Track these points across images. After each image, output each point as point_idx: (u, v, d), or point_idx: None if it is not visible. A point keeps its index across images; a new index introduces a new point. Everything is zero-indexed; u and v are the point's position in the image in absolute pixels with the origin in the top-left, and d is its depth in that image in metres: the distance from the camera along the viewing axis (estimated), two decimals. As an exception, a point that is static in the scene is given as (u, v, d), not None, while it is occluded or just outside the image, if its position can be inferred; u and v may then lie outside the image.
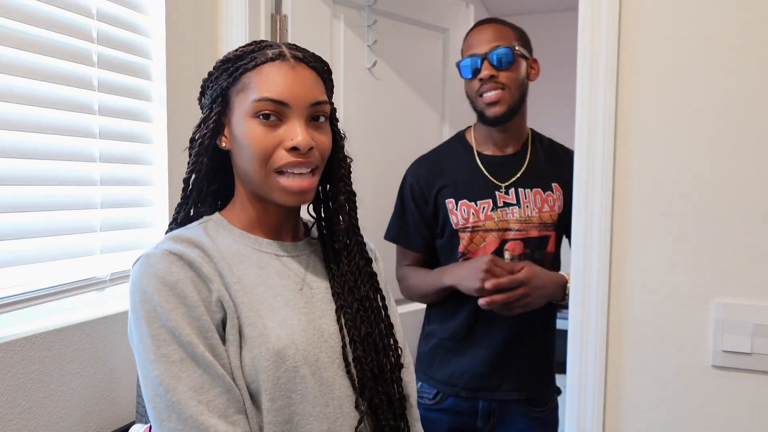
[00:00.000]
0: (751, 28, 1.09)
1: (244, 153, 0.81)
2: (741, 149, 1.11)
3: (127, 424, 1.28)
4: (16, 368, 1.06)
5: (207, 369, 0.73)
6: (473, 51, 1.44)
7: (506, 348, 1.46)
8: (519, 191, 1.47)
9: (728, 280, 1.13)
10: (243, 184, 0.86)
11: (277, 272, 0.84)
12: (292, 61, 0.82)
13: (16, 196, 1.09)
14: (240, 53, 0.83)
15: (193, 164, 0.85)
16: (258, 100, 0.79)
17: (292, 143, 0.79)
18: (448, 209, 1.49)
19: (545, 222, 1.47)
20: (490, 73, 1.40)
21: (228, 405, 0.73)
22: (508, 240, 1.45)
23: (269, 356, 0.76)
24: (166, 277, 0.74)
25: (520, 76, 1.45)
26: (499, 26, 1.46)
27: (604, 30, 1.17)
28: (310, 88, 0.82)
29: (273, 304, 0.80)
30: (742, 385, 1.12)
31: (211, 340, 0.75)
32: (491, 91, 1.41)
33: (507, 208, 1.46)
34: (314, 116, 0.83)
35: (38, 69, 1.12)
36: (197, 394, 0.72)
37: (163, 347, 0.73)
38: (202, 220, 0.86)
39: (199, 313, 0.75)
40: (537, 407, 1.50)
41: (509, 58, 1.41)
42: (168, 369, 0.72)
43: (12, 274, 1.09)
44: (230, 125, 0.84)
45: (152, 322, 0.73)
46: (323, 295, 0.87)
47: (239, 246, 0.84)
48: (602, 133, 1.18)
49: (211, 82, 0.85)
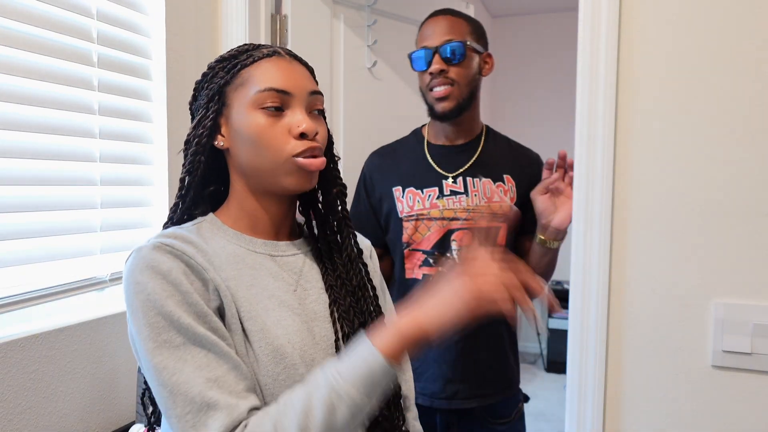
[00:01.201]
0: (752, 28, 1.09)
1: (249, 147, 0.82)
2: (741, 149, 1.11)
3: (127, 424, 1.29)
4: (16, 368, 1.06)
5: (212, 348, 0.72)
6: (425, 43, 1.40)
7: (461, 352, 1.39)
8: (467, 180, 1.43)
9: (728, 280, 1.13)
10: (243, 181, 0.86)
11: (270, 273, 0.84)
12: (287, 57, 0.85)
13: (16, 196, 1.09)
14: (234, 53, 0.85)
15: (189, 164, 0.85)
16: (262, 90, 0.81)
17: (300, 129, 0.81)
18: (395, 197, 1.46)
19: (495, 213, 1.42)
20: (440, 68, 1.37)
21: (237, 381, 0.71)
22: (454, 230, 1.40)
23: (269, 352, 0.76)
24: (159, 266, 0.74)
25: (472, 72, 1.41)
26: (453, 18, 1.42)
27: (604, 30, 1.17)
28: (308, 79, 0.86)
29: (267, 305, 0.80)
30: (742, 385, 1.13)
31: (212, 324, 0.74)
32: (440, 86, 1.38)
33: (454, 197, 1.42)
34: (311, 109, 0.85)
35: (38, 69, 1.12)
36: (204, 371, 0.70)
37: (163, 334, 0.71)
38: (195, 221, 0.87)
39: (194, 299, 0.73)
40: (499, 419, 1.44)
41: (461, 52, 1.37)
42: (171, 354, 0.70)
43: (12, 274, 1.09)
44: (228, 123, 0.84)
45: (148, 311, 0.72)
46: (317, 295, 0.87)
47: (233, 247, 0.84)
48: (602, 133, 1.18)
49: (206, 83, 0.85)
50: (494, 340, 1.42)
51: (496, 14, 4.72)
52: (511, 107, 4.74)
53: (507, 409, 1.46)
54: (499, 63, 5.80)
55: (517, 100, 4.73)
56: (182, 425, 0.69)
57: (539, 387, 4.09)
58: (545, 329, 4.42)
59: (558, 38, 4.56)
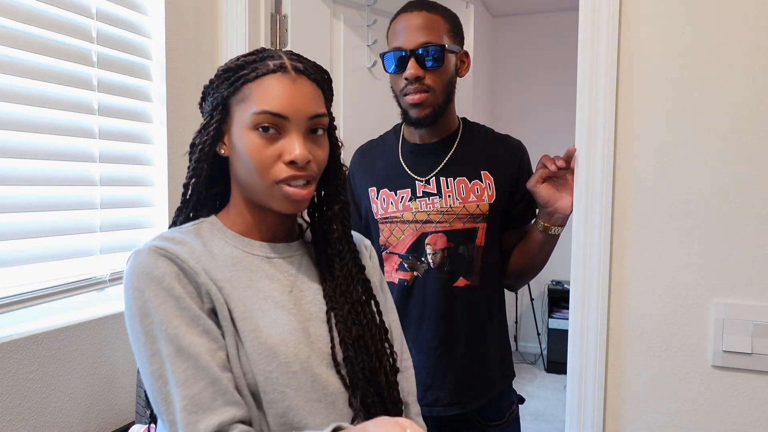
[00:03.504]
0: (752, 28, 1.09)
1: (243, 164, 0.83)
2: (741, 149, 1.11)
3: (127, 424, 1.29)
4: (16, 368, 1.06)
5: (193, 362, 0.75)
6: (399, 43, 1.30)
7: (439, 358, 1.34)
8: (440, 180, 1.36)
9: (728, 280, 1.13)
10: (240, 190, 0.87)
11: (267, 275, 0.85)
12: (293, 73, 0.83)
13: (16, 196, 1.09)
14: (241, 63, 0.84)
15: (193, 169, 0.86)
16: (258, 113, 0.80)
17: (290, 157, 0.80)
18: (370, 198, 1.41)
19: (472, 213, 1.34)
20: (416, 74, 1.27)
21: (214, 397, 0.74)
22: (429, 233, 1.34)
23: (262, 350, 0.78)
24: (153, 272, 0.76)
25: (448, 75, 1.33)
26: (430, 15, 1.30)
27: (604, 30, 1.17)
28: (309, 102, 0.83)
29: (263, 306, 0.82)
30: (742, 385, 1.12)
31: (204, 326, 0.77)
32: (416, 93, 1.29)
33: (427, 198, 1.35)
34: (312, 129, 0.84)
35: (38, 69, 1.12)
36: (182, 388, 0.73)
37: (156, 343, 0.75)
38: (196, 221, 0.88)
39: (186, 303, 0.76)
40: (491, 421, 1.39)
41: (438, 57, 1.28)
42: (161, 364, 0.74)
43: (12, 274, 1.09)
44: (230, 133, 0.85)
45: (144, 318, 0.76)
46: (313, 297, 0.88)
47: (231, 249, 0.85)
48: (602, 133, 1.18)
49: (212, 90, 0.86)
50: (474, 344, 1.37)
51: (496, 14, 4.72)
52: (511, 107, 4.74)
53: (499, 411, 1.41)
54: (499, 63, 5.77)
55: (517, 99, 4.73)
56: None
57: (539, 387, 4.09)
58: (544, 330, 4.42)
59: (558, 38, 4.56)
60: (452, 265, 1.34)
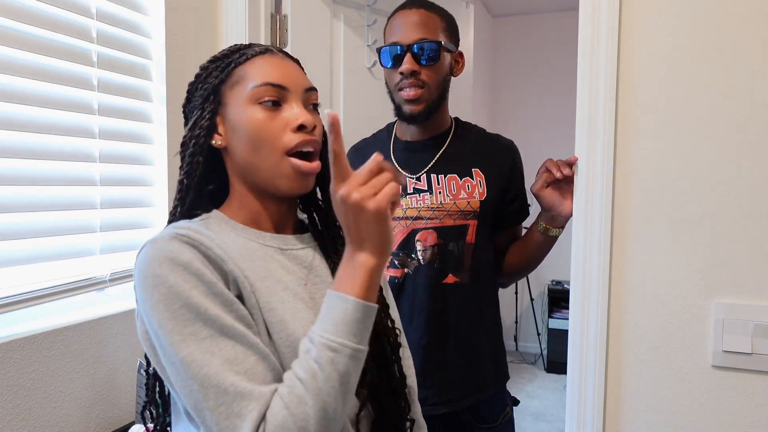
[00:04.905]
0: (752, 27, 1.09)
1: (247, 142, 0.82)
2: (741, 149, 1.11)
3: (127, 424, 1.29)
4: (16, 368, 1.06)
5: (239, 339, 0.71)
6: (397, 39, 1.32)
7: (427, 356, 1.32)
8: (431, 177, 1.36)
9: (728, 280, 1.13)
10: (241, 180, 0.86)
11: (282, 266, 0.84)
12: (279, 54, 0.87)
13: (16, 196, 1.09)
14: (227, 52, 0.86)
15: (188, 165, 0.84)
16: (258, 85, 0.81)
17: (298, 122, 0.82)
18: None
19: (463, 210, 1.34)
20: (411, 69, 1.29)
21: (266, 372, 0.72)
22: (419, 230, 1.34)
23: (289, 343, 0.77)
24: (178, 257, 0.72)
25: (443, 73, 1.35)
26: (427, 13, 1.33)
27: (604, 30, 1.17)
28: (302, 76, 0.87)
29: (283, 297, 0.80)
30: (742, 385, 1.13)
31: (239, 312, 0.74)
32: (410, 88, 1.31)
33: (417, 195, 1.35)
34: (307, 104, 0.86)
35: (38, 69, 1.12)
36: (233, 365, 0.70)
37: (189, 326, 0.70)
38: (202, 217, 0.86)
39: (219, 289, 0.73)
40: (484, 423, 1.37)
41: (434, 54, 1.30)
42: (198, 346, 0.70)
43: (12, 274, 1.09)
44: (225, 121, 0.84)
45: (171, 303, 0.70)
46: (326, 289, 0.87)
47: (243, 240, 0.83)
48: (602, 133, 1.18)
49: (200, 83, 0.86)
50: (464, 342, 1.36)
51: (496, 14, 4.72)
52: (511, 107, 4.74)
53: (492, 413, 1.39)
54: (499, 63, 5.78)
55: (517, 100, 4.73)
56: (216, 416, 0.69)
57: (539, 387, 4.09)
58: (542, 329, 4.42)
59: (558, 38, 4.56)
60: (442, 261, 1.34)
